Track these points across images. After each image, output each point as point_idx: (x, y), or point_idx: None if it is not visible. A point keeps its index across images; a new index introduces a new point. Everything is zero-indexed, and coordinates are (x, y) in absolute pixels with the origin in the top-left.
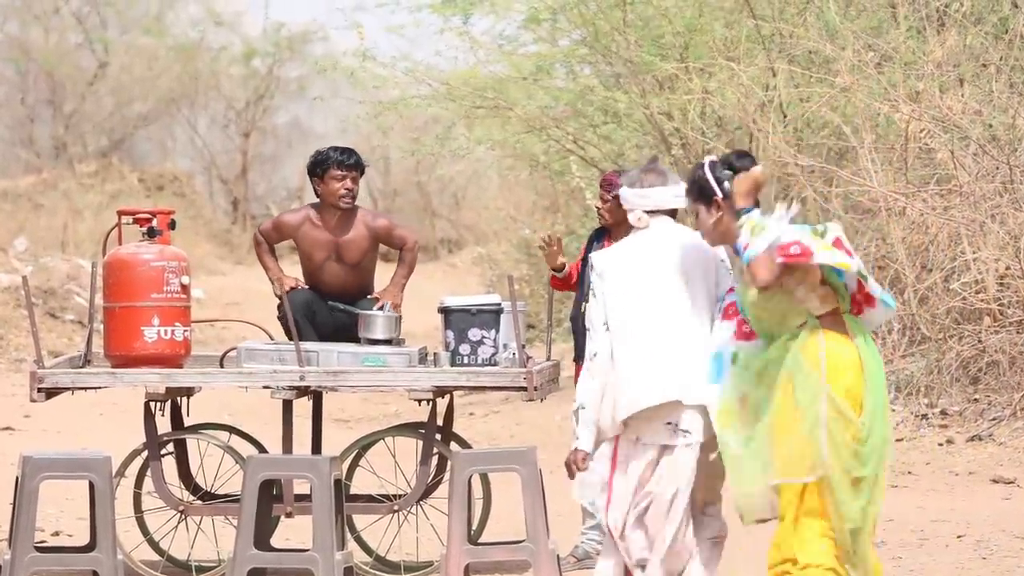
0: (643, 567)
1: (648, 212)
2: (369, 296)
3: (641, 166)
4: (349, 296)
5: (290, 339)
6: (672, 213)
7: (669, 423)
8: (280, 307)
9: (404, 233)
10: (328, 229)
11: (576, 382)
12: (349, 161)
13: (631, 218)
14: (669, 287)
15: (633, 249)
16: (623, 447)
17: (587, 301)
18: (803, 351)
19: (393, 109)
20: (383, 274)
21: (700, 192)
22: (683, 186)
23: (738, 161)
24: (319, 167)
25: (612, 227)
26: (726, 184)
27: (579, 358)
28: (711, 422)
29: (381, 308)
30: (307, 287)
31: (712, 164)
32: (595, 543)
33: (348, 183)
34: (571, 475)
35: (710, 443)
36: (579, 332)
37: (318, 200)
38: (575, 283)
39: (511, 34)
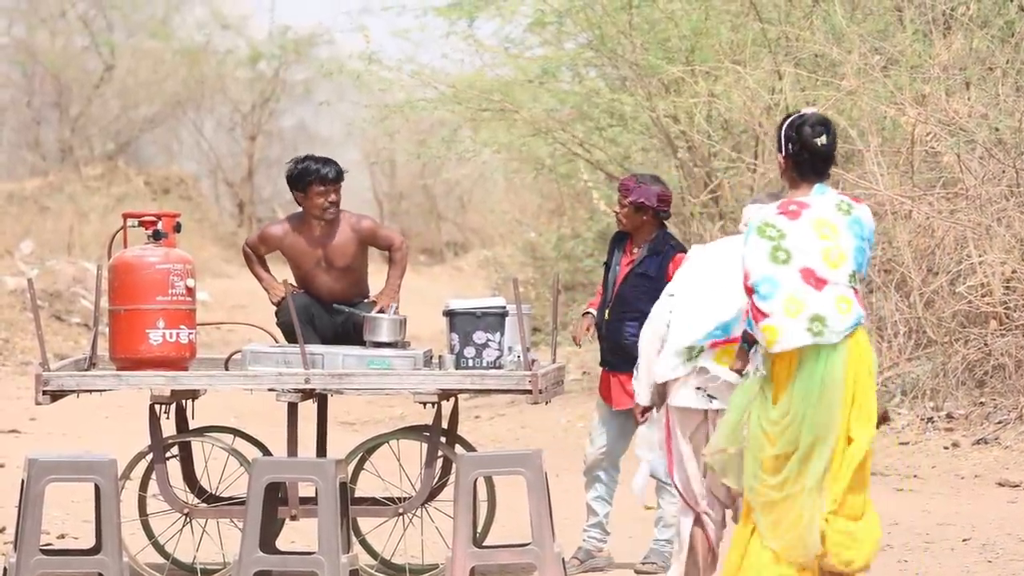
0: (709, 516)
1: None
2: (367, 301)
3: (769, 190)
4: (344, 300)
5: (291, 343)
6: None
7: (699, 388)
8: (278, 314)
9: (389, 234)
10: (313, 237)
11: (600, 388)
12: (331, 176)
13: (740, 226)
14: (729, 277)
15: (724, 244)
16: (673, 414)
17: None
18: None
19: (399, 112)
20: (375, 274)
21: (776, 141)
22: None
23: (807, 127)
24: (300, 181)
25: (631, 232)
26: (790, 146)
27: (604, 363)
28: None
29: (381, 312)
30: (302, 291)
31: (790, 123)
32: (596, 541)
33: (332, 196)
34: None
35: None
36: (604, 338)
37: (301, 209)
38: (600, 291)
39: (517, 37)
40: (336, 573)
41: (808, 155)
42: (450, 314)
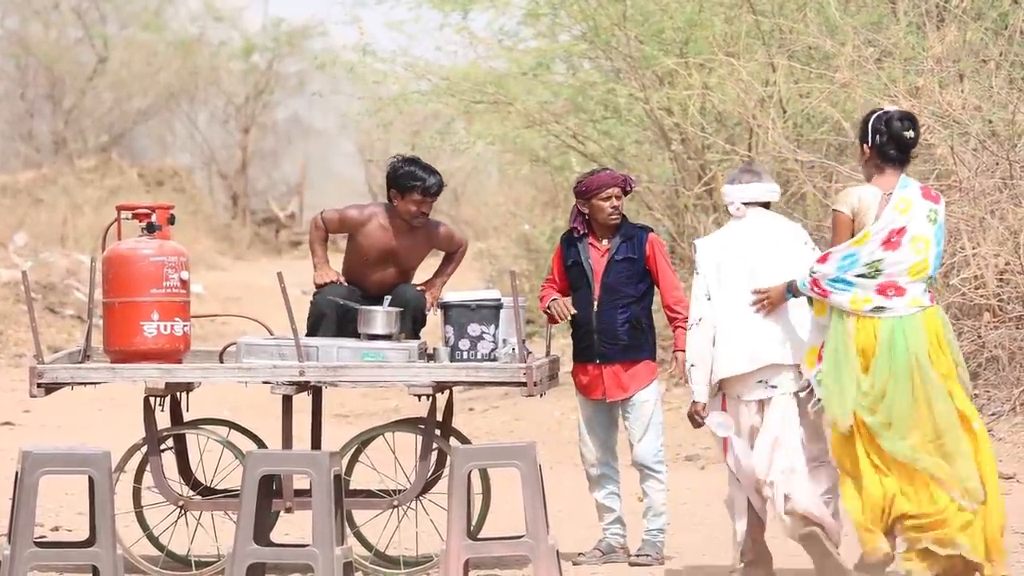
0: (760, 490)
1: (745, 204)
2: (417, 286)
3: (740, 167)
4: (392, 292)
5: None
6: (766, 205)
7: (760, 381)
8: (316, 295)
9: (461, 238)
10: (391, 232)
11: (584, 384)
12: (434, 190)
13: (731, 209)
14: (762, 266)
15: (735, 234)
16: (729, 405)
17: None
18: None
19: (393, 104)
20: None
21: (861, 131)
22: (775, 184)
23: (896, 123)
24: (402, 184)
25: (616, 223)
26: (878, 138)
27: (597, 356)
28: (799, 376)
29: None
30: (345, 283)
31: (879, 114)
32: (619, 536)
33: (426, 207)
34: (695, 425)
35: (805, 397)
36: (596, 330)
37: (390, 203)
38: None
39: (511, 29)
40: (330, 565)
41: (895, 147)
42: (445, 307)
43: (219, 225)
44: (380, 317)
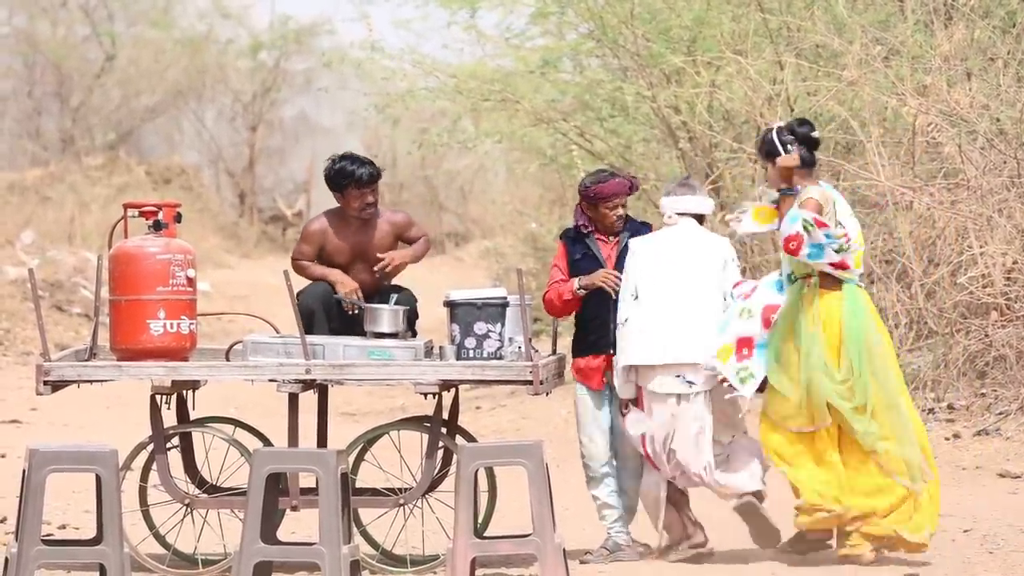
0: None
1: (678, 214)
2: (379, 257)
3: (677, 180)
4: (377, 293)
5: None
6: (699, 218)
7: (678, 376)
8: (299, 294)
9: (421, 229)
10: (351, 232)
11: (594, 377)
12: (366, 178)
13: (664, 218)
14: (685, 271)
15: (667, 240)
16: (646, 397)
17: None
18: (806, 304)
19: (400, 102)
20: (415, 270)
21: (768, 151)
22: (708, 199)
23: (799, 128)
24: (336, 183)
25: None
26: (788, 147)
27: (611, 349)
28: (712, 375)
29: (385, 267)
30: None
31: (779, 129)
32: (626, 535)
33: (368, 197)
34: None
35: (717, 391)
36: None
37: (339, 206)
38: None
39: (518, 27)
40: (337, 564)
41: (810, 151)
42: (451, 305)
43: (226, 223)
44: (386, 315)
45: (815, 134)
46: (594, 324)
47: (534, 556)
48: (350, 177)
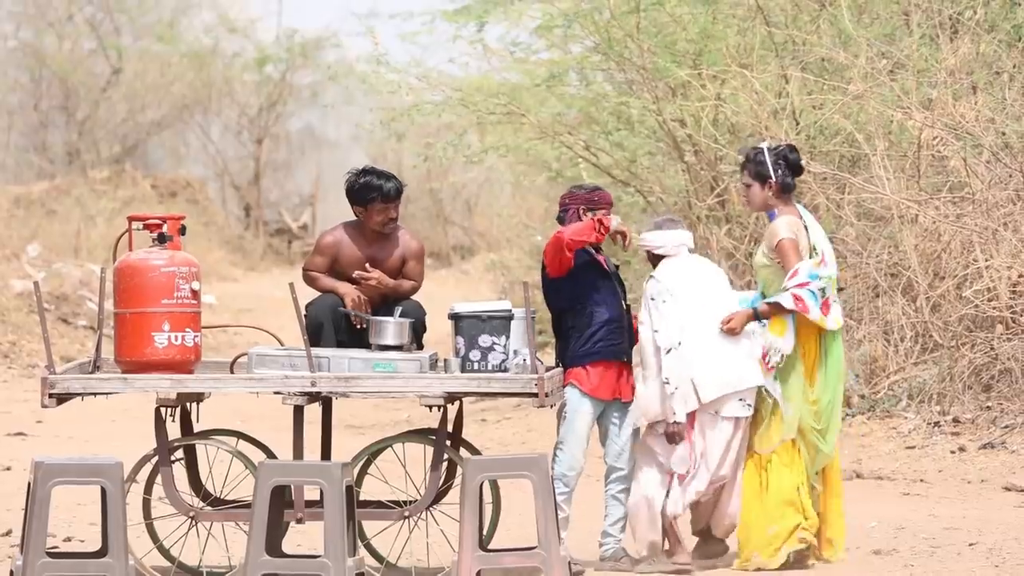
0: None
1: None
2: (367, 267)
3: (658, 219)
4: (384, 305)
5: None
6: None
7: (741, 399)
8: (308, 306)
9: (419, 271)
10: (366, 246)
11: (606, 386)
12: (392, 193)
13: (665, 250)
14: (721, 296)
15: (680, 269)
16: (702, 418)
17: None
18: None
19: (406, 116)
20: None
21: (759, 172)
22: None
23: (791, 155)
24: (361, 196)
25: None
26: (780, 172)
27: (624, 356)
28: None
29: (368, 279)
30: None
31: (770, 150)
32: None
33: (392, 212)
34: (673, 442)
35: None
36: (626, 330)
37: (358, 219)
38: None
39: (524, 41)
40: None
41: (794, 176)
42: (456, 317)
43: (232, 236)
44: (391, 328)
45: (802, 162)
46: (609, 328)
47: (539, 569)
48: (377, 191)
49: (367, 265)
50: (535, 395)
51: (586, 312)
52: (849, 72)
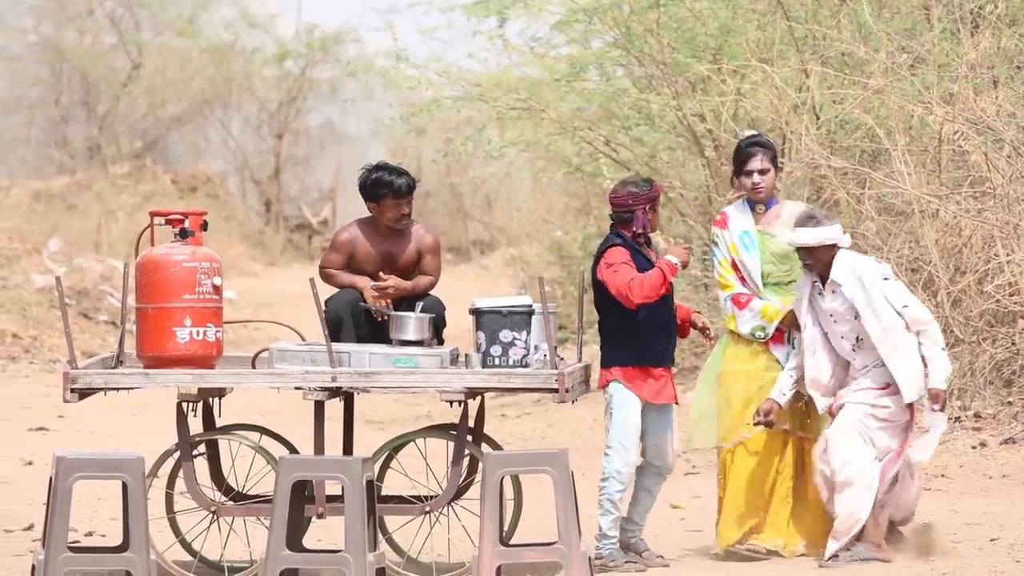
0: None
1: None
2: (380, 275)
3: (806, 214)
4: (404, 300)
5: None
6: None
7: None
8: (328, 301)
9: (435, 266)
10: (381, 242)
11: (651, 389)
12: (404, 189)
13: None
14: None
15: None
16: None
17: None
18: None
19: (425, 111)
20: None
21: (775, 155)
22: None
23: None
24: (373, 192)
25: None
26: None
27: (669, 360)
28: None
29: (385, 288)
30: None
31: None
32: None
33: (404, 208)
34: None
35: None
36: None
37: (371, 215)
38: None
39: (544, 36)
40: (362, 571)
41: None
42: (476, 313)
43: (252, 231)
44: (412, 323)
45: None
46: (657, 334)
47: (559, 564)
48: (388, 187)
49: (381, 273)
50: (555, 391)
51: (637, 317)
52: (870, 66)
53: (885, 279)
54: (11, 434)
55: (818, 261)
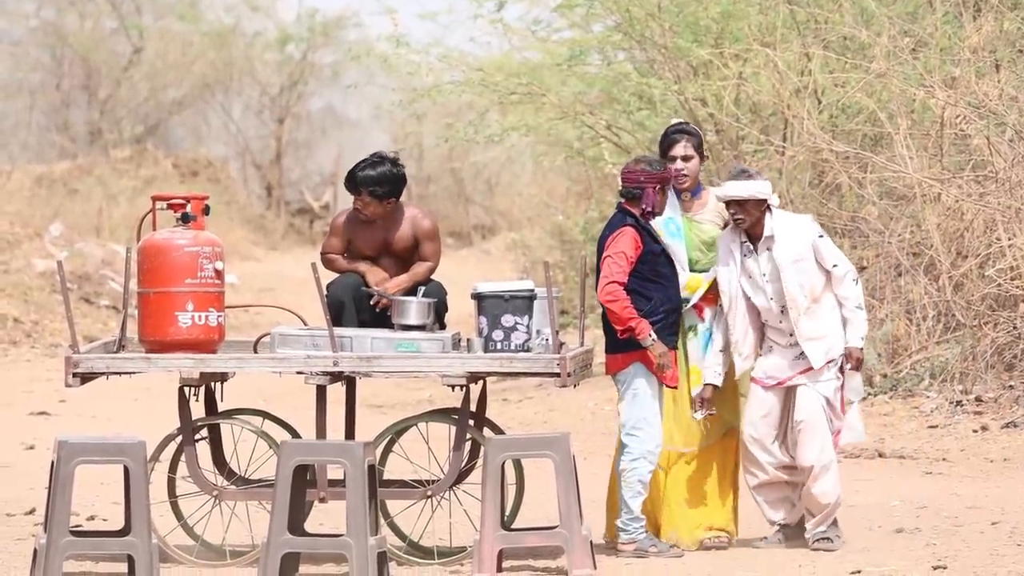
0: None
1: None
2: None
3: (737, 169)
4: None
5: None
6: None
7: None
8: (329, 285)
9: (435, 250)
10: (378, 228)
11: (667, 373)
12: (359, 183)
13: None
14: None
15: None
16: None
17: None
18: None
19: (427, 95)
20: (443, 263)
21: (699, 143)
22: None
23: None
24: (348, 187)
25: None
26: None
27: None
28: None
29: (379, 303)
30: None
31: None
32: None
33: (366, 201)
34: (858, 370)
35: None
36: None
37: None
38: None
39: (545, 20)
40: (364, 555)
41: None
42: (478, 297)
43: (253, 216)
44: (414, 308)
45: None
46: (669, 318)
47: (561, 548)
48: (350, 180)
49: (375, 285)
50: (557, 375)
51: (650, 301)
52: (872, 50)
53: (820, 236)
54: (13, 418)
55: (748, 215)
